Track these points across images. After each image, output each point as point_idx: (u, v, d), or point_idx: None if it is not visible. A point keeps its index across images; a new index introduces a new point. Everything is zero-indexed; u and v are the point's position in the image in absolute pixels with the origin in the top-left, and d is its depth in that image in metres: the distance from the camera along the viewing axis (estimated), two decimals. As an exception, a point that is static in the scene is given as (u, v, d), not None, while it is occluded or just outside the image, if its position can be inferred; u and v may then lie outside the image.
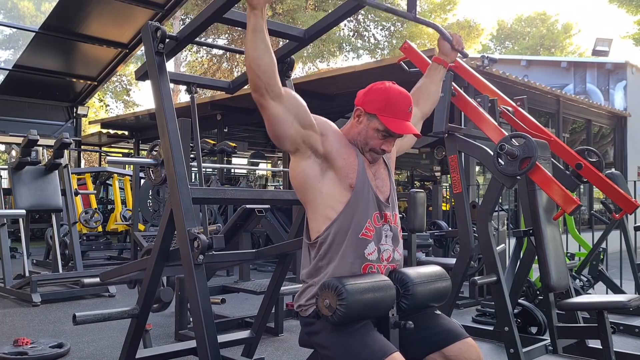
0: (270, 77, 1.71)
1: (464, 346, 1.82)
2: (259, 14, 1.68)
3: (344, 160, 1.84)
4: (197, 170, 2.83)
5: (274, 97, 1.73)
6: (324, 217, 1.83)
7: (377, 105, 1.86)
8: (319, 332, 1.79)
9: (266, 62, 1.70)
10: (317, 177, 1.83)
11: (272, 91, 1.73)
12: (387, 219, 1.91)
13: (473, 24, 26.45)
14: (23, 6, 13.72)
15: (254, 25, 1.68)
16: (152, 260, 2.39)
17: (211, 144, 8.48)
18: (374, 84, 1.92)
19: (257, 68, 1.69)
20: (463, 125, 3.86)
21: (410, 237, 4.33)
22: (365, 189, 1.85)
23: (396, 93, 1.87)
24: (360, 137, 1.89)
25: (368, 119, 1.87)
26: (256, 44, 1.68)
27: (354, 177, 1.83)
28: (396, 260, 1.92)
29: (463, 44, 2.35)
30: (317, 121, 1.84)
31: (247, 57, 1.71)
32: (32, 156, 5.91)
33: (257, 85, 1.72)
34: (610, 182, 3.23)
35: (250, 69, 1.71)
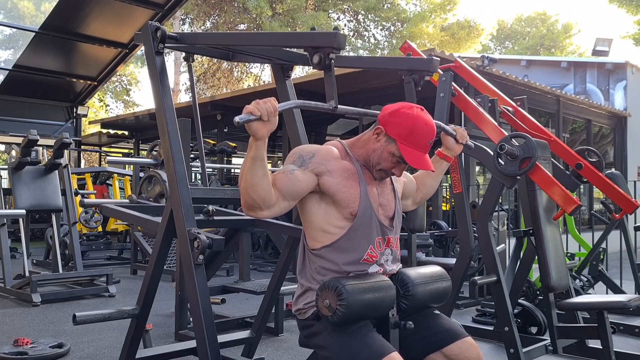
0: (266, 199, 1.69)
1: (464, 345, 1.82)
2: (262, 145, 1.64)
3: (344, 194, 1.80)
4: (199, 170, 2.83)
5: (267, 207, 1.72)
6: (322, 231, 1.82)
7: (400, 132, 1.81)
8: (318, 333, 1.79)
9: (263, 188, 1.67)
10: (315, 203, 1.82)
11: (266, 207, 1.71)
12: (390, 243, 1.89)
13: (473, 24, 26.42)
14: (23, 6, 13.73)
15: (254, 155, 1.64)
16: (152, 260, 2.40)
17: (211, 144, 8.48)
18: (402, 106, 1.86)
19: (254, 193, 1.67)
20: (463, 126, 3.86)
21: (410, 237, 4.33)
22: (367, 215, 1.82)
23: (422, 123, 1.82)
24: (374, 155, 1.85)
25: (387, 141, 1.83)
26: (255, 171, 1.65)
27: (355, 206, 1.81)
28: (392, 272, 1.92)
29: (467, 137, 2.23)
30: (311, 165, 1.79)
31: (244, 181, 1.67)
32: (32, 156, 5.91)
33: (252, 206, 1.70)
34: (610, 182, 3.23)
35: (245, 192, 1.68)
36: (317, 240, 1.83)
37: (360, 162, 1.88)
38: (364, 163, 1.88)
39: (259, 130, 1.62)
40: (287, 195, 1.75)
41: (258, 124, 1.61)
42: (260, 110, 1.60)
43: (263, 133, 1.63)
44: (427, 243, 5.40)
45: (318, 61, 1.89)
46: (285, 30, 19.97)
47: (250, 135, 1.64)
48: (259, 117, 1.60)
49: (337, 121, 11.01)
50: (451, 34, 25.47)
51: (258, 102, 1.62)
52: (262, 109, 1.60)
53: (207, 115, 10.46)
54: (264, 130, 1.62)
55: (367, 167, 1.88)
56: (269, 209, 1.72)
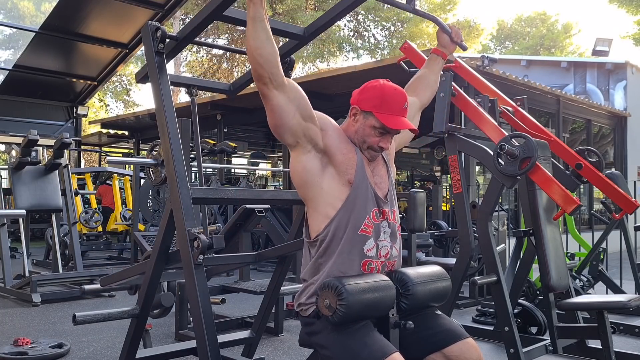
0: (273, 65, 1.72)
1: (465, 346, 1.82)
2: (259, 3, 1.69)
3: (343, 156, 1.84)
4: (197, 171, 2.83)
5: (277, 86, 1.75)
6: (324, 216, 1.83)
7: (373, 103, 1.86)
8: (319, 332, 1.79)
9: (268, 51, 1.70)
10: (318, 172, 1.83)
11: (275, 80, 1.74)
12: (386, 215, 1.91)
13: (473, 24, 26.45)
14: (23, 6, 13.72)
15: (253, 14, 1.69)
16: (152, 260, 2.40)
17: (211, 144, 8.48)
18: (368, 82, 1.92)
19: (259, 57, 1.70)
20: (463, 125, 3.86)
21: (410, 237, 4.33)
22: (363, 185, 1.85)
23: (391, 90, 1.88)
24: (357, 135, 1.89)
25: (364, 117, 1.88)
26: (257, 33, 1.69)
27: (352, 172, 1.84)
28: (394, 257, 1.92)
29: (462, 37, 2.38)
30: (317, 116, 1.85)
31: (249, 47, 1.71)
32: (32, 156, 5.91)
33: (261, 75, 1.73)
34: (610, 182, 3.23)
35: (252, 59, 1.71)
36: (319, 228, 1.84)
37: None
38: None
39: None
40: (293, 95, 1.78)
41: None
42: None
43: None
44: (427, 243, 5.40)
45: None
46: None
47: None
48: None
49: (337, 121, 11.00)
50: (451, 34, 25.45)
51: None
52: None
53: (207, 115, 10.45)
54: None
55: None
56: (276, 88, 1.74)
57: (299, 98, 1.80)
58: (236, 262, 3.25)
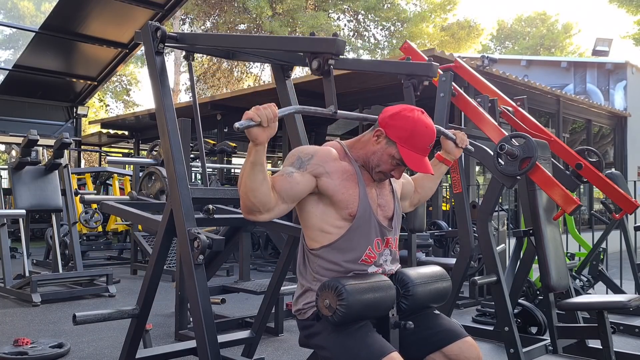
0: (266, 202, 1.69)
1: (464, 345, 1.82)
2: (261, 150, 1.64)
3: (342, 195, 1.80)
4: (199, 170, 2.82)
5: (267, 211, 1.72)
6: (320, 231, 1.83)
7: (400, 134, 1.81)
8: (318, 333, 1.79)
9: (263, 192, 1.67)
10: (313, 203, 1.82)
11: (265, 210, 1.71)
12: (389, 244, 1.90)
13: (473, 24, 26.44)
14: (23, 6, 13.72)
15: (254, 160, 1.64)
16: (152, 260, 2.40)
17: (211, 144, 8.48)
18: (404, 109, 1.86)
19: (254, 198, 1.67)
20: (463, 125, 3.86)
21: (410, 237, 4.33)
22: (366, 216, 1.82)
23: (422, 127, 1.82)
24: (374, 157, 1.85)
25: (387, 143, 1.83)
26: (255, 175, 1.65)
27: (354, 207, 1.81)
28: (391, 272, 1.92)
29: (467, 141, 2.25)
30: (310, 167, 1.79)
31: (244, 186, 1.67)
32: (32, 156, 5.91)
33: (252, 210, 1.70)
34: (610, 182, 3.23)
35: (245, 197, 1.68)
36: (315, 241, 1.83)
37: (359, 163, 1.88)
38: (363, 164, 1.88)
39: (259, 136, 1.62)
40: (286, 197, 1.75)
41: (258, 129, 1.61)
42: (260, 116, 1.60)
43: (263, 139, 1.63)
44: (427, 243, 5.40)
45: (317, 67, 1.89)
46: (285, 30, 19.97)
47: (250, 141, 1.64)
48: (258, 122, 1.60)
49: (337, 121, 11.02)
50: (451, 34, 25.48)
51: (258, 108, 1.62)
52: (262, 115, 1.60)
53: (207, 115, 10.45)
54: (263, 136, 1.62)
55: (366, 168, 1.88)
56: (268, 212, 1.72)
57: (290, 196, 1.75)
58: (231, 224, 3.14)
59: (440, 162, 2.23)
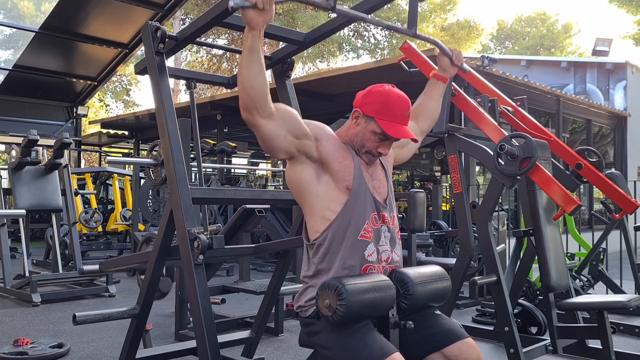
0: (262, 98, 1.69)
1: (464, 346, 1.82)
2: (257, 35, 1.65)
3: (339, 164, 1.83)
4: (197, 170, 2.83)
5: (265, 116, 1.71)
6: (322, 218, 1.84)
7: (376, 108, 1.85)
8: (319, 332, 1.79)
9: (259, 83, 1.67)
10: (313, 180, 1.83)
11: (262, 112, 1.70)
12: (385, 220, 1.91)
13: (473, 24, 26.45)
14: (23, 6, 13.72)
15: (250, 45, 1.65)
16: (152, 260, 2.40)
17: (211, 144, 8.47)
18: (373, 86, 1.91)
19: (250, 88, 1.66)
20: (463, 125, 3.86)
21: (410, 237, 4.33)
22: (362, 191, 1.85)
23: (395, 96, 1.86)
24: (357, 138, 1.88)
25: (366, 122, 1.87)
26: (251, 63, 1.65)
27: (350, 179, 1.83)
28: (395, 262, 1.92)
29: (463, 59, 2.30)
30: (311, 127, 1.83)
31: (241, 76, 1.68)
32: (32, 156, 5.91)
33: (248, 105, 1.69)
34: (610, 182, 3.23)
35: (242, 88, 1.68)
36: (317, 230, 1.84)
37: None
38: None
39: (254, 19, 1.61)
40: (282, 120, 1.75)
41: (253, 12, 1.60)
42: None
43: (258, 21, 1.62)
44: (427, 243, 5.40)
45: None
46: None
47: (246, 25, 1.63)
48: (254, 4, 1.59)
49: (337, 121, 11.01)
50: (451, 34, 25.49)
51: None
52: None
53: (207, 115, 10.45)
54: (259, 19, 1.62)
55: (355, 153, 1.91)
56: (263, 118, 1.71)
57: (288, 120, 1.77)
58: (235, 254, 3.23)
59: (437, 80, 2.29)
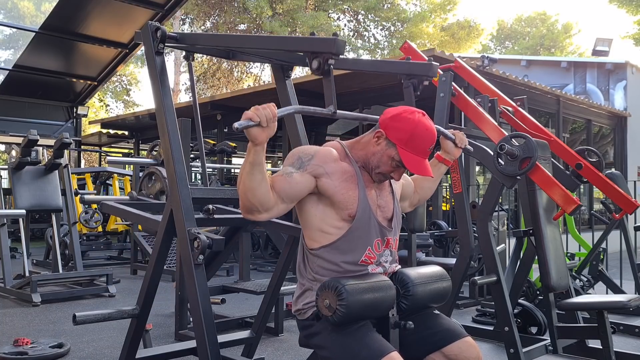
0: (264, 201, 1.69)
1: (464, 345, 1.83)
2: (260, 150, 1.64)
3: (342, 195, 1.80)
4: (199, 170, 2.82)
5: (267, 210, 1.72)
6: (319, 231, 1.83)
7: (400, 136, 1.81)
8: (318, 333, 1.79)
9: (262, 192, 1.67)
10: (313, 203, 1.82)
11: (265, 209, 1.71)
12: (389, 244, 1.90)
13: (473, 24, 26.44)
14: (23, 6, 13.72)
15: (253, 160, 1.64)
16: (152, 260, 2.39)
17: (211, 144, 8.48)
18: (405, 110, 1.86)
19: (252, 198, 1.67)
20: (463, 125, 3.86)
21: (410, 237, 4.32)
22: (366, 217, 1.82)
23: (423, 129, 1.82)
24: (374, 158, 1.85)
25: (387, 145, 1.83)
26: (254, 175, 1.65)
27: (354, 207, 1.81)
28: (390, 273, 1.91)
29: (466, 141, 2.26)
30: (309, 168, 1.79)
31: (243, 185, 1.67)
32: (32, 156, 5.91)
33: (251, 209, 1.70)
34: (610, 182, 3.23)
35: (244, 196, 1.68)
36: (315, 240, 1.83)
37: (359, 164, 1.88)
38: (363, 165, 1.88)
39: (258, 136, 1.62)
40: (286, 197, 1.75)
41: (257, 129, 1.61)
42: (259, 116, 1.60)
43: (262, 138, 1.63)
44: (427, 243, 5.40)
45: (317, 66, 1.90)
46: (285, 30, 19.96)
47: (249, 141, 1.64)
48: (258, 122, 1.60)
49: (337, 121, 11.03)
50: (451, 34, 25.48)
51: (257, 108, 1.62)
52: (262, 115, 1.61)
53: (207, 115, 10.45)
54: (263, 136, 1.63)
55: (365, 169, 1.88)
56: (267, 212, 1.72)
57: (289, 196, 1.76)
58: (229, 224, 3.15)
59: (439, 162, 2.23)
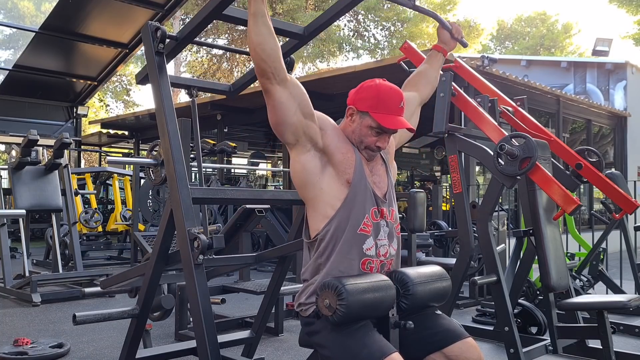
0: (276, 60, 1.73)
1: (465, 346, 1.82)
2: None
3: (342, 155, 1.85)
4: (197, 171, 2.83)
5: (280, 81, 1.75)
6: (323, 216, 1.84)
7: (369, 103, 1.86)
8: (319, 331, 1.79)
9: (270, 46, 1.71)
10: (317, 172, 1.83)
11: (278, 75, 1.74)
12: (384, 214, 1.91)
13: (473, 24, 26.46)
14: (23, 6, 13.72)
15: (255, 10, 1.69)
16: (152, 260, 2.40)
17: (211, 144, 8.47)
18: (364, 82, 1.93)
19: (262, 52, 1.70)
20: (463, 125, 3.86)
21: (410, 237, 4.33)
22: (362, 185, 1.86)
23: (387, 89, 1.88)
24: (354, 135, 1.89)
25: (361, 117, 1.88)
26: (259, 28, 1.69)
27: (351, 172, 1.84)
28: (392, 256, 1.92)
29: (462, 33, 2.40)
30: (316, 115, 1.86)
31: (251, 43, 1.71)
32: (32, 156, 5.91)
33: (264, 69, 1.73)
34: (610, 182, 3.23)
35: (255, 54, 1.72)
36: (318, 228, 1.85)
37: None
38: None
39: None
40: (295, 92, 1.79)
41: None
42: None
43: None
44: (427, 243, 5.40)
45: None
46: (285, 30, 19.93)
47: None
48: None
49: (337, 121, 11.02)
50: (451, 34, 25.45)
51: None
52: None
53: (207, 115, 10.46)
54: None
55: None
56: (279, 83, 1.75)
57: (300, 95, 1.81)
58: (236, 264, 3.25)
59: (438, 52, 2.40)
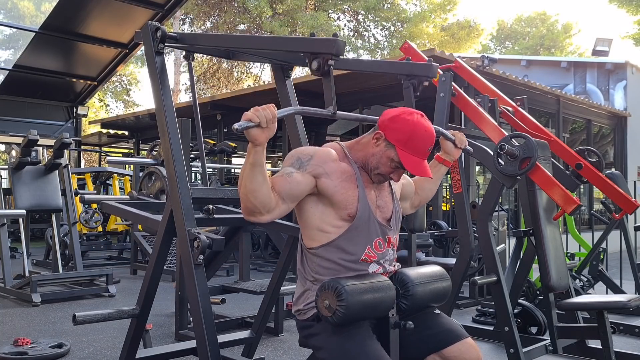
0: (267, 202, 1.69)
1: (464, 347, 1.82)
2: (261, 151, 1.64)
3: (341, 195, 1.80)
4: (199, 170, 2.83)
5: (269, 211, 1.71)
6: (318, 230, 1.82)
7: (399, 137, 1.81)
8: (317, 334, 1.78)
9: (263, 194, 1.67)
10: (312, 202, 1.82)
11: (267, 210, 1.71)
12: (391, 242, 1.90)
13: (473, 24, 26.43)
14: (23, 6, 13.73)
15: (254, 161, 1.64)
16: (152, 260, 2.40)
17: (211, 144, 8.48)
18: (403, 112, 1.86)
19: (254, 199, 1.67)
20: (463, 125, 3.86)
21: (410, 237, 4.32)
22: (365, 216, 1.82)
23: (422, 130, 1.82)
24: (373, 159, 1.85)
25: (386, 146, 1.83)
26: (255, 176, 1.65)
27: (354, 207, 1.80)
28: (390, 272, 1.91)
29: (466, 142, 2.27)
30: (309, 168, 1.79)
31: (244, 187, 1.67)
32: (32, 156, 5.91)
33: (252, 211, 1.70)
34: (610, 182, 3.23)
35: (245, 198, 1.68)
36: (314, 240, 1.83)
37: (358, 164, 1.88)
38: (362, 166, 1.88)
39: (258, 137, 1.62)
40: (287, 198, 1.75)
41: (257, 130, 1.61)
42: (259, 117, 1.60)
43: (262, 139, 1.63)
44: (427, 243, 5.39)
45: (317, 67, 1.90)
46: (285, 30, 19.96)
47: (249, 142, 1.64)
48: (257, 124, 1.61)
49: (337, 122, 11.03)
50: (451, 34, 25.48)
51: (257, 109, 1.62)
52: (261, 116, 1.61)
53: (207, 115, 10.46)
54: (262, 137, 1.62)
55: (365, 170, 1.88)
56: (269, 213, 1.72)
57: (290, 196, 1.75)
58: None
59: (439, 163, 2.24)
